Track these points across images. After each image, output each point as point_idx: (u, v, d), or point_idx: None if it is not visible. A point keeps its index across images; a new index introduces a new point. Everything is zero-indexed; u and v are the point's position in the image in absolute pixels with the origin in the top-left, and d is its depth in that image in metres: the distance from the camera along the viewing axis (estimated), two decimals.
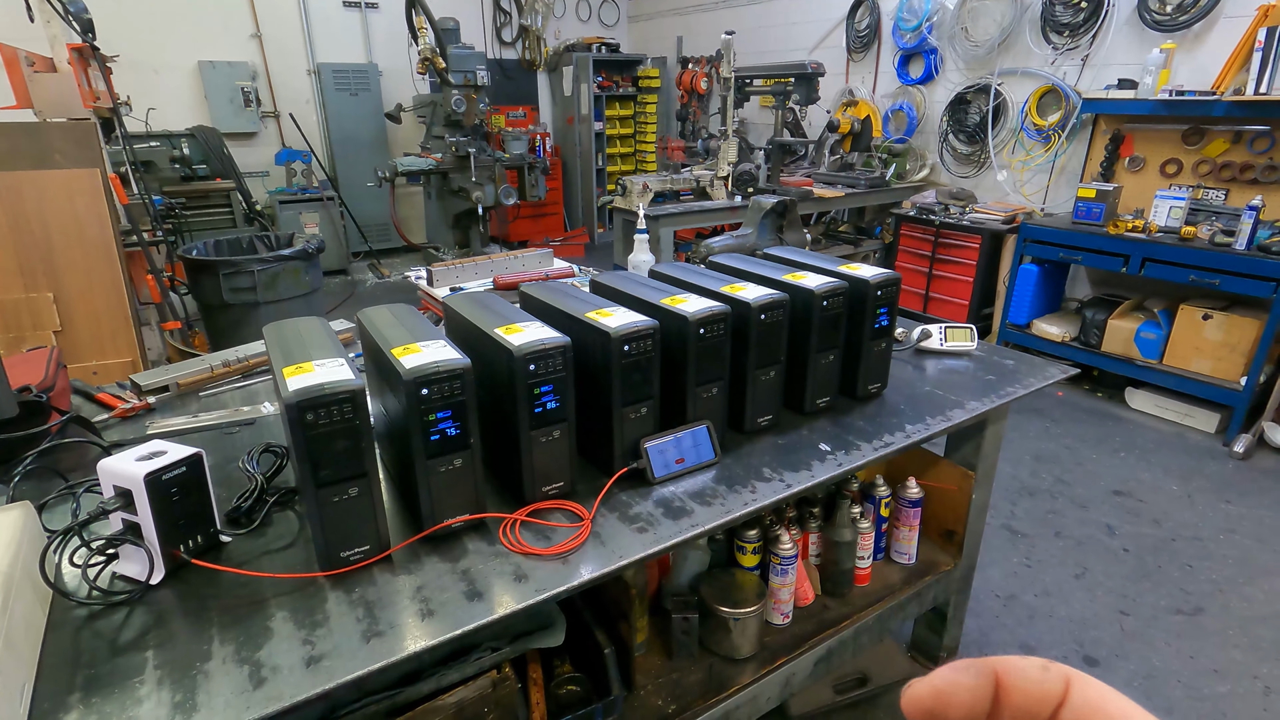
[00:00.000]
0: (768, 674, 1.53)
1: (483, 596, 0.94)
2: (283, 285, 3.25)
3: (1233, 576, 2.45)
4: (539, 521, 1.09)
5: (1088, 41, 4.12)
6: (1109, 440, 3.44)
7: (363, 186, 6.41)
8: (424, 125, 6.10)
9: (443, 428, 0.99)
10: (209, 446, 1.37)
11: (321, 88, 6.50)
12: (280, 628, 0.88)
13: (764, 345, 1.32)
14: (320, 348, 1.02)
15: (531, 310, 1.34)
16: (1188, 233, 3.46)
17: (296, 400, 0.87)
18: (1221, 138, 3.64)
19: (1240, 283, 3.25)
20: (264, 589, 0.95)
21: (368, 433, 0.94)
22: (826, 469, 1.27)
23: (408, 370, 0.96)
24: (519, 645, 1.22)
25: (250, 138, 6.35)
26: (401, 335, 1.08)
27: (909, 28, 4.99)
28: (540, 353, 1.06)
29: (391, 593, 0.94)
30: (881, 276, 1.45)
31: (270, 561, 1.02)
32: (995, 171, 4.74)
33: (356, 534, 0.97)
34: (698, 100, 7.12)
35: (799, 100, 4.36)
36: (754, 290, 1.33)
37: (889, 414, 1.49)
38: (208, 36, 6.00)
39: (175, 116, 5.77)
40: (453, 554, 1.02)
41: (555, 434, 1.11)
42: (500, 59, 7.57)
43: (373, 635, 0.87)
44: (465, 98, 5.26)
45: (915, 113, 5.17)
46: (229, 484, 1.21)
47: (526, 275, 2.39)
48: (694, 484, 1.22)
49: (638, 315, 1.18)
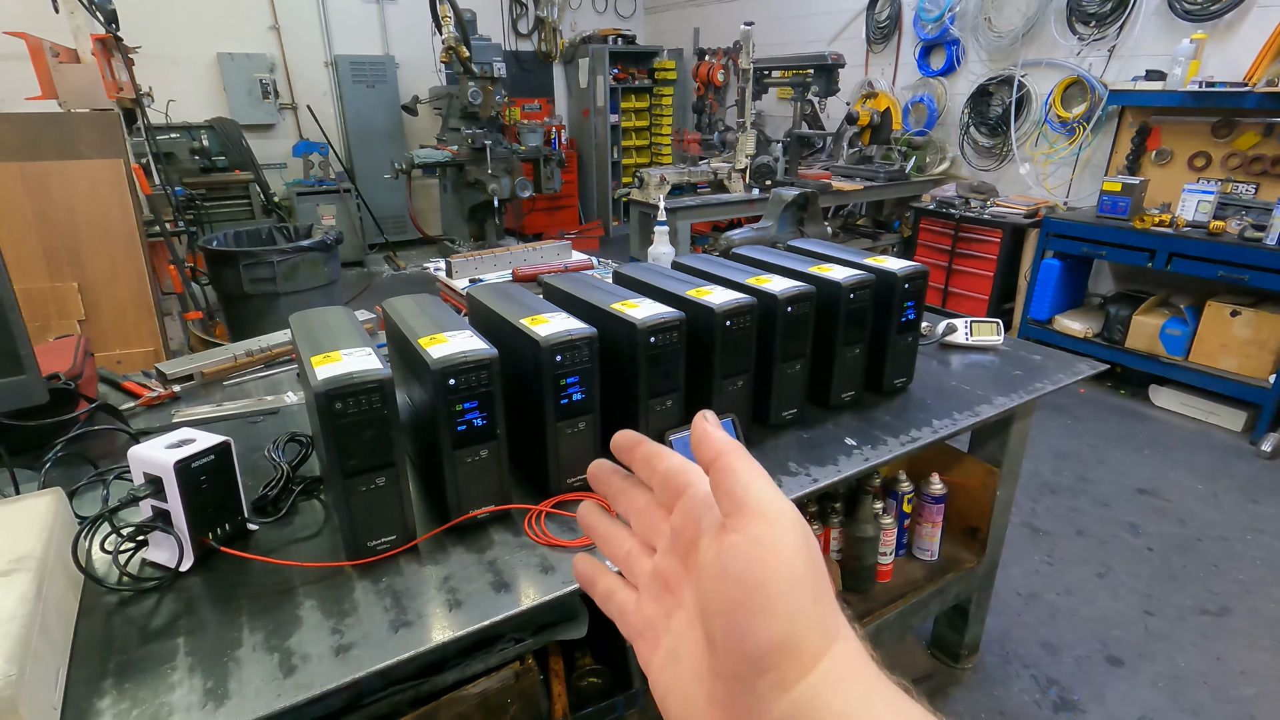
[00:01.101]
0: None
1: (510, 588, 0.94)
2: (302, 276, 3.27)
3: (1261, 577, 2.41)
4: (564, 513, 1.09)
5: (1115, 32, 4.04)
6: (1132, 438, 3.39)
7: (379, 179, 6.43)
8: (440, 117, 6.12)
9: (470, 418, 0.99)
10: (234, 435, 1.37)
11: (339, 80, 6.52)
12: (309, 616, 0.88)
13: (790, 338, 1.30)
14: (347, 337, 1.02)
15: (555, 301, 1.33)
16: (1216, 227, 3.39)
17: (326, 389, 0.87)
18: (1252, 130, 3.56)
19: (1271, 279, 3.18)
20: (292, 577, 0.95)
21: (396, 422, 0.93)
22: (853, 464, 1.26)
23: (435, 360, 0.95)
24: (542, 637, 1.22)
25: (268, 129, 6.39)
26: (427, 325, 1.07)
27: (930, 18, 4.92)
28: (567, 343, 1.05)
29: (419, 583, 0.94)
30: (909, 269, 1.43)
31: (297, 550, 1.02)
32: (1017, 164, 4.67)
33: (383, 524, 0.97)
34: (714, 92, 7.07)
35: (818, 92, 4.32)
36: (780, 282, 1.31)
37: (915, 409, 1.47)
38: (226, 28, 6.03)
39: (195, 108, 5.82)
40: (479, 545, 1.02)
41: (581, 425, 1.11)
42: (516, 51, 7.56)
43: (401, 625, 0.86)
44: (482, 90, 5.26)
45: (936, 105, 5.11)
46: (254, 473, 1.21)
47: (545, 267, 2.38)
48: None
49: (663, 306, 1.17)
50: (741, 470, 0.31)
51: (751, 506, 0.30)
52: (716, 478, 0.32)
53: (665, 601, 0.36)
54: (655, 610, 0.36)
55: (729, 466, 0.32)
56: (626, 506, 0.40)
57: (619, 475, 0.41)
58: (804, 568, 0.29)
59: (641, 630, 0.36)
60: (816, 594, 0.29)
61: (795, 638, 0.28)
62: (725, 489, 0.31)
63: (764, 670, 0.28)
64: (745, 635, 0.28)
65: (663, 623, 0.35)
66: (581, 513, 0.43)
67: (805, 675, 0.28)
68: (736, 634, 0.29)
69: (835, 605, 0.30)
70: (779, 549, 0.29)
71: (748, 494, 0.31)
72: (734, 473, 0.31)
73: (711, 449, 0.33)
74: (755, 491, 0.31)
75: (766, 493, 0.31)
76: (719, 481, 0.32)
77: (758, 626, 0.28)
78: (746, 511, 0.30)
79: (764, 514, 0.30)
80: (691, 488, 0.35)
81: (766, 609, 0.28)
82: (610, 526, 0.41)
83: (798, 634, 0.28)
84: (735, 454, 0.32)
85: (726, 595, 0.29)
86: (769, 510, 0.30)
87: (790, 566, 0.29)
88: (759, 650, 0.28)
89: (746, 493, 0.31)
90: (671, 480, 0.36)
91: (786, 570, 0.29)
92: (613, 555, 0.40)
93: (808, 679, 0.28)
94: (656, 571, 0.37)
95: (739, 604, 0.29)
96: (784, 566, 0.29)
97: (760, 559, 0.29)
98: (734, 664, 0.29)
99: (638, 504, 0.39)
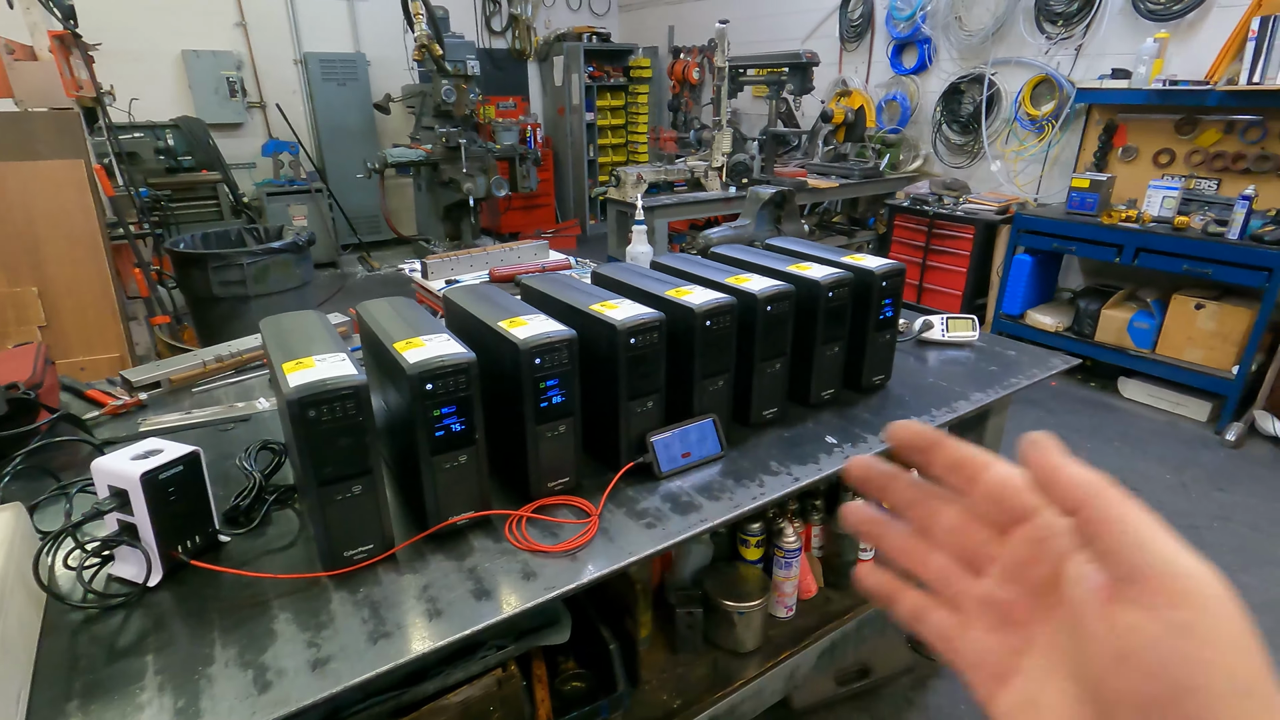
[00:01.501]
0: (772, 667, 1.52)
1: (491, 595, 0.92)
2: (273, 278, 3.21)
3: (1228, 564, 2.47)
4: (545, 518, 1.08)
5: (1082, 31, 4.11)
6: (1103, 430, 3.46)
7: (351, 178, 6.34)
8: (413, 116, 6.04)
9: (447, 423, 0.97)
10: (203, 444, 1.33)
11: (309, 78, 6.41)
12: (284, 629, 0.86)
13: (770, 337, 1.30)
14: (320, 342, 1.00)
15: (533, 303, 1.32)
16: (1181, 223, 3.47)
17: (298, 397, 0.85)
18: (1214, 127, 3.65)
19: (1232, 272, 3.26)
20: (266, 590, 0.92)
21: (371, 429, 0.91)
22: (834, 462, 1.26)
23: (412, 365, 0.93)
24: (524, 643, 1.20)
25: (236, 128, 6.25)
26: (403, 329, 1.05)
27: (903, 17, 4.97)
28: (546, 346, 1.03)
29: (397, 592, 0.92)
30: (887, 267, 1.44)
31: (271, 561, 1.00)
32: (989, 162, 4.74)
33: (360, 533, 0.95)
34: (689, 91, 7.08)
35: (793, 90, 4.34)
36: (759, 281, 1.31)
37: (894, 405, 1.48)
38: (191, 25, 5.89)
39: (158, 107, 5.67)
40: (459, 552, 1.00)
41: (561, 429, 1.09)
42: (490, 49, 7.49)
43: (380, 636, 0.85)
44: (455, 88, 5.20)
45: (909, 103, 5.16)
46: (225, 482, 1.18)
47: (522, 267, 2.36)
48: (701, 478, 1.20)
49: (643, 307, 1.16)
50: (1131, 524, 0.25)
51: (1159, 578, 0.25)
52: (1092, 531, 0.26)
53: (1009, 636, 0.31)
54: (995, 644, 0.32)
55: (1109, 518, 0.26)
56: (927, 519, 0.35)
57: (903, 480, 0.36)
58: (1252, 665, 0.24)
59: (975, 663, 0.32)
60: (1270, 702, 0.23)
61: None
62: (1108, 549, 0.26)
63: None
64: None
65: (1009, 661, 0.31)
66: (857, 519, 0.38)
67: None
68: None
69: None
70: (1213, 640, 0.24)
71: (1147, 558, 0.25)
72: (1119, 526, 0.26)
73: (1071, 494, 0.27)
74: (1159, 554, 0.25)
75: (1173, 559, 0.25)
76: (1099, 537, 0.26)
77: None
78: (1152, 583, 0.25)
79: (1183, 591, 0.24)
80: (1039, 514, 0.30)
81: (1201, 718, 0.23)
82: (908, 537, 0.36)
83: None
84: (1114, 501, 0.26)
85: (1134, 686, 0.25)
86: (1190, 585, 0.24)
87: (1233, 667, 0.23)
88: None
89: (1145, 556, 0.25)
90: (1008, 500, 0.32)
91: (1230, 673, 0.23)
92: (917, 571, 0.36)
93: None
94: (991, 600, 0.32)
95: (1158, 703, 0.24)
96: (1226, 667, 0.23)
97: (1187, 655, 0.24)
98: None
99: (945, 518, 0.35)
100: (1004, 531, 0.32)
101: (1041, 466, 0.28)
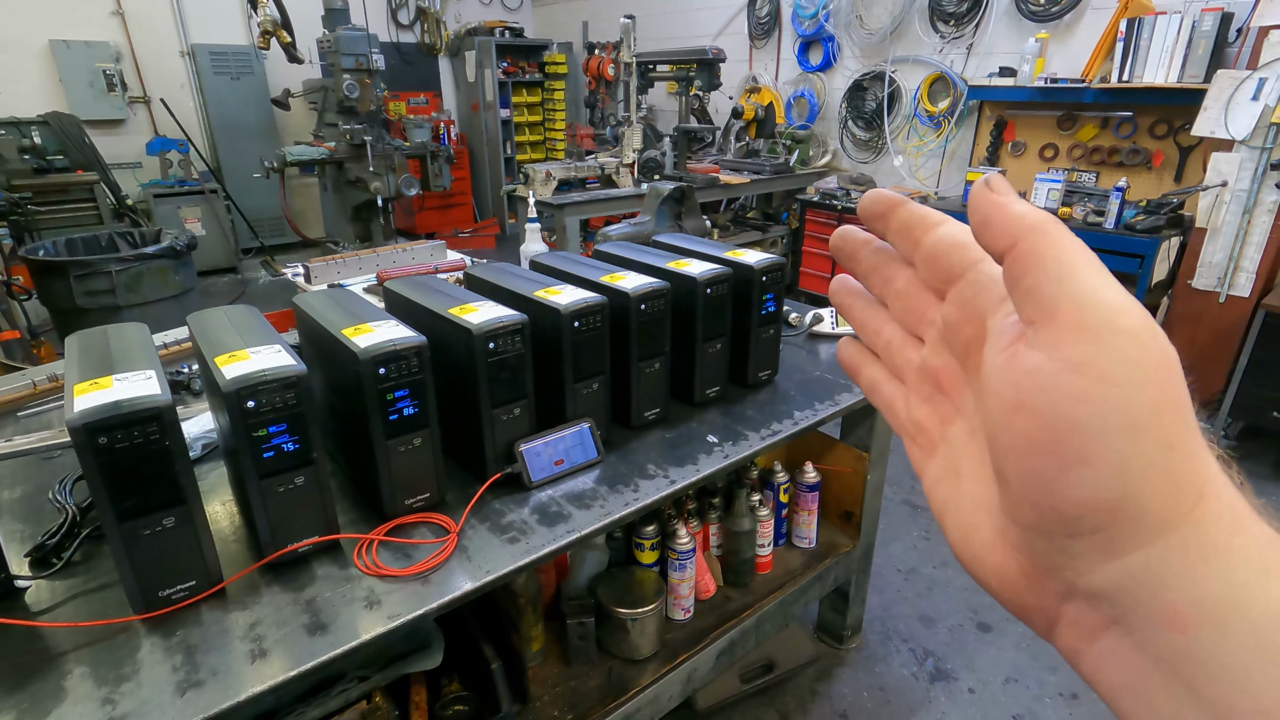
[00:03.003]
0: (669, 672, 1.49)
1: (327, 629, 0.84)
2: (147, 287, 2.96)
3: None
4: (400, 540, 1.00)
5: (972, 30, 4.29)
6: None
7: (250, 178, 5.99)
8: (315, 112, 5.75)
9: (277, 443, 0.88)
10: (20, 475, 1.21)
11: (198, 71, 6.01)
12: (76, 686, 0.76)
13: (646, 336, 1.27)
14: (129, 359, 0.89)
15: (395, 309, 1.24)
16: (1064, 213, 3.66)
17: (82, 423, 0.75)
18: (1091, 123, 3.87)
19: (1110, 260, 3.46)
20: (62, 641, 0.82)
21: (182, 455, 0.82)
22: (713, 462, 1.23)
23: (229, 381, 0.84)
24: (390, 671, 1.13)
25: (116, 125, 5.80)
26: (231, 341, 0.96)
27: (807, 15, 5.06)
28: (391, 354, 0.96)
29: (219, 633, 0.83)
30: (766, 262, 1.42)
31: (80, 606, 0.89)
32: (892, 157, 4.89)
33: (178, 569, 0.86)
34: (606, 87, 7.02)
35: (702, 86, 4.34)
36: (634, 279, 1.27)
37: (780, 401, 1.47)
38: (59, 13, 5.42)
39: (23, 102, 5.20)
40: (298, 582, 0.92)
41: (416, 442, 1.02)
42: (398, 42, 7.23)
43: (189, 686, 0.76)
44: (358, 83, 4.97)
45: (816, 99, 5.27)
46: (38, 518, 1.05)
47: (414, 269, 2.26)
48: (574, 486, 1.15)
49: (505, 310, 1.10)
50: (1056, 258, 0.22)
51: (1068, 313, 0.21)
52: (1017, 270, 0.23)
53: (938, 405, 0.30)
54: (926, 413, 0.31)
55: (1035, 253, 0.22)
56: (882, 286, 0.33)
57: (870, 246, 0.34)
58: (1152, 403, 0.21)
59: (912, 434, 0.31)
60: (1171, 438, 0.21)
61: (1132, 498, 0.21)
62: (1028, 287, 0.22)
63: (1079, 532, 0.22)
64: (1051, 489, 0.22)
65: (937, 429, 0.30)
66: (833, 290, 0.37)
67: (1147, 544, 0.21)
68: (1037, 484, 0.22)
69: (1201, 451, 0.22)
70: (1113, 377, 0.21)
71: (1061, 292, 0.21)
72: (1044, 261, 0.22)
73: (1007, 230, 0.23)
74: (1075, 289, 0.21)
75: (1093, 292, 0.21)
76: (1019, 275, 0.23)
77: (1070, 482, 0.21)
78: (1059, 320, 0.21)
79: (1088, 325, 0.21)
80: (973, 269, 0.27)
81: (1084, 459, 0.21)
82: (866, 308, 0.35)
83: (1136, 493, 0.21)
84: (1048, 234, 0.22)
85: (1023, 433, 0.22)
86: (1097, 318, 0.21)
87: (1129, 403, 0.20)
88: (1071, 510, 0.21)
89: (1061, 289, 0.22)
90: (944, 257, 0.29)
91: (1121, 409, 0.20)
92: (871, 343, 0.34)
93: (1151, 548, 0.21)
94: (925, 368, 0.31)
95: (1042, 448, 0.22)
96: (1118, 403, 0.20)
97: (1079, 393, 0.21)
98: (1034, 516, 0.23)
99: (897, 283, 0.32)
100: (943, 294, 0.30)
101: (980, 209, 0.24)
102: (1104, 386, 0.21)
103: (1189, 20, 3.22)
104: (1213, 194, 3.14)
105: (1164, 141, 3.65)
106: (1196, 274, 3.28)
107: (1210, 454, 0.22)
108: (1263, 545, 0.21)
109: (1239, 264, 3.12)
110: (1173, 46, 3.30)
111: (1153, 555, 0.21)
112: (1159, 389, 0.21)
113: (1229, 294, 3.18)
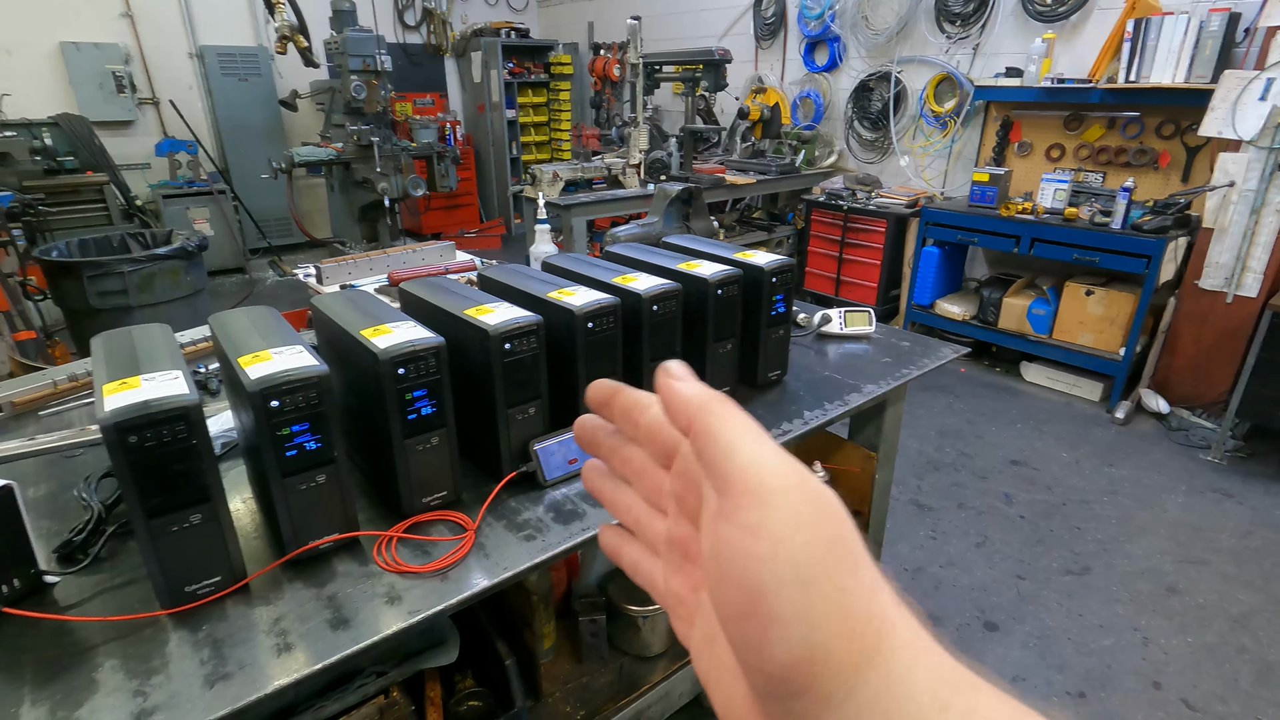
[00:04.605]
0: (679, 669, 1.51)
1: (349, 623, 0.86)
2: (160, 287, 2.99)
3: (1115, 535, 2.62)
4: (418, 537, 1.02)
5: (978, 30, 4.29)
6: (1006, 412, 3.63)
7: (257, 179, 6.02)
8: (323, 113, 5.77)
9: (300, 442, 0.90)
10: (44, 473, 1.23)
11: (206, 72, 6.05)
12: (108, 679, 0.78)
13: (657, 337, 1.28)
14: (154, 360, 0.91)
15: (411, 309, 1.26)
16: (1070, 214, 3.66)
17: (114, 422, 0.77)
18: (1098, 123, 3.87)
19: (1117, 260, 3.47)
20: (92, 635, 0.84)
21: (208, 453, 0.84)
22: None
23: (253, 381, 0.86)
24: (407, 667, 1.15)
25: (126, 126, 5.84)
26: (254, 342, 0.98)
27: (813, 15, 5.07)
28: (410, 355, 0.98)
29: (245, 628, 0.85)
30: (776, 263, 1.44)
31: (108, 601, 0.91)
32: (898, 157, 4.90)
33: (204, 565, 0.88)
34: (611, 87, 7.04)
35: (708, 87, 4.36)
36: (646, 281, 1.29)
37: (789, 401, 1.48)
38: (69, 15, 5.47)
39: (34, 103, 5.24)
40: (319, 578, 0.94)
41: (434, 441, 1.04)
42: (404, 44, 7.26)
43: (218, 679, 0.78)
44: (365, 84, 5.00)
45: (822, 100, 5.28)
46: (64, 515, 1.08)
47: (424, 270, 2.28)
48: None
49: (520, 311, 1.12)
50: (721, 433, 0.24)
51: (736, 482, 0.24)
52: (697, 446, 0.25)
53: (690, 573, 0.31)
54: (680, 583, 0.31)
55: (706, 430, 0.25)
56: (623, 466, 0.35)
57: (605, 431, 0.35)
58: (811, 551, 0.22)
59: (673, 606, 0.32)
60: (839, 581, 0.22)
61: (820, 648, 0.22)
62: (708, 461, 0.25)
63: (795, 692, 0.22)
64: (759, 654, 0.23)
65: (691, 598, 0.30)
66: (584, 475, 0.38)
67: (852, 691, 0.22)
68: (750, 650, 0.23)
69: (873, 585, 0.23)
70: (775, 533, 0.22)
71: (731, 464, 0.24)
72: (715, 438, 0.25)
73: (683, 410, 0.26)
74: (740, 460, 0.24)
75: (754, 459, 0.24)
76: (699, 451, 0.25)
77: (770, 642, 0.22)
78: (732, 489, 0.24)
79: (753, 491, 0.23)
80: (684, 445, 0.29)
81: (774, 618, 0.22)
82: (615, 489, 0.36)
83: (823, 643, 0.22)
84: (712, 412, 0.25)
85: (731, 603, 0.24)
86: (756, 483, 0.23)
87: (795, 556, 0.22)
88: (777, 671, 0.22)
89: (730, 462, 0.24)
90: (659, 435, 0.31)
91: (790, 562, 0.22)
92: (625, 521, 0.35)
93: (859, 694, 0.22)
94: (672, 539, 0.32)
95: (745, 615, 0.23)
96: (786, 558, 0.22)
97: (759, 554, 0.22)
98: (759, 681, 0.24)
99: (634, 462, 0.34)
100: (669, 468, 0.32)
101: (660, 392, 0.27)
102: (774, 544, 0.22)
103: (1196, 20, 3.22)
104: (1220, 194, 3.14)
105: (1171, 142, 3.65)
106: (1204, 274, 3.28)
107: (886, 587, 0.24)
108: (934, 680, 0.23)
109: (1246, 264, 3.12)
110: (1180, 47, 3.30)
111: (866, 700, 0.22)
112: (820, 533, 0.23)
113: (1236, 294, 3.18)
